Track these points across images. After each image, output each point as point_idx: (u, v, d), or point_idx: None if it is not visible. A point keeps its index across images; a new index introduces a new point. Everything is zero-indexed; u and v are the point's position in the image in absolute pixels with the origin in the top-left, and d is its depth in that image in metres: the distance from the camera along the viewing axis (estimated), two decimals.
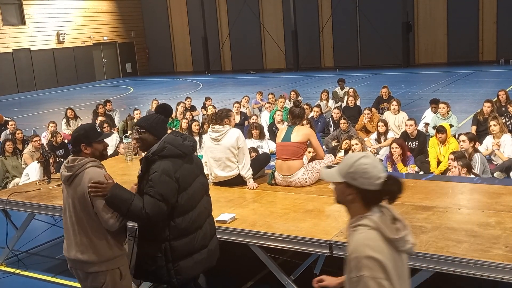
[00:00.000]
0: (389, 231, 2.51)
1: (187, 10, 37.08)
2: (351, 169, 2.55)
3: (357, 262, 2.44)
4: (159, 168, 3.77)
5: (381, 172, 2.55)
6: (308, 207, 5.29)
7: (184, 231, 3.88)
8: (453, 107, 12.02)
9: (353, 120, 11.93)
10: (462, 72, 24.38)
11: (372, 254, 2.43)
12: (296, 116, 6.29)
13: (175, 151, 3.86)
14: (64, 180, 3.85)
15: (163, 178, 3.74)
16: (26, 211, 6.46)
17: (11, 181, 9.83)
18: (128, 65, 37.85)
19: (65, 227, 3.92)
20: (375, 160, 2.60)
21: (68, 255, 3.89)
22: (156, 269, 3.90)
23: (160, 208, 3.72)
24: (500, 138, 8.93)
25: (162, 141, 3.87)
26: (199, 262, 3.98)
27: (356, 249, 2.48)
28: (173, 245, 3.86)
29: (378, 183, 2.53)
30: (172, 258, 3.86)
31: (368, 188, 2.53)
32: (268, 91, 16.03)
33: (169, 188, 3.75)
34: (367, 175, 2.53)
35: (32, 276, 6.31)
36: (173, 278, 3.89)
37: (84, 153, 3.83)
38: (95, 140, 3.87)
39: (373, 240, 2.49)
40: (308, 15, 32.33)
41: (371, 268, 2.41)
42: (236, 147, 5.98)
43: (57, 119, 14.08)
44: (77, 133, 3.90)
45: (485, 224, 4.48)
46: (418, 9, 30.00)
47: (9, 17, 30.56)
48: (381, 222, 2.53)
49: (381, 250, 2.46)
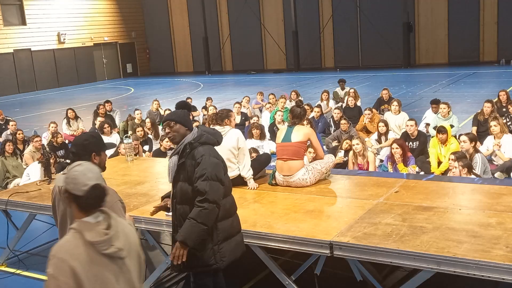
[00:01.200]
0: (91, 234, 2.67)
1: (188, 10, 37.10)
2: (66, 175, 2.83)
3: (50, 259, 2.64)
4: (205, 152, 4.00)
5: (90, 180, 2.75)
6: (309, 208, 5.29)
7: (228, 212, 4.15)
8: (453, 107, 12.01)
9: (354, 121, 11.93)
10: (463, 72, 24.38)
11: (62, 256, 2.61)
12: (297, 116, 6.28)
13: (212, 139, 4.15)
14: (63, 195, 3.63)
15: (213, 160, 4.00)
16: (27, 212, 6.47)
17: (12, 181, 9.84)
18: (129, 66, 37.87)
19: None
20: (88, 169, 2.82)
21: None
22: (203, 254, 4.03)
23: (218, 187, 3.96)
24: (501, 138, 8.93)
25: (198, 130, 4.13)
26: (239, 244, 4.24)
27: (54, 247, 2.68)
28: (219, 226, 4.05)
29: (84, 189, 2.73)
30: (218, 240, 4.05)
31: (76, 193, 2.74)
32: (269, 92, 16.03)
33: (220, 169, 4.03)
34: (75, 181, 2.75)
35: (32, 276, 6.31)
36: (219, 261, 4.06)
37: (92, 162, 3.47)
38: (104, 149, 3.77)
39: (71, 242, 2.67)
40: (308, 15, 32.34)
41: (57, 268, 2.59)
42: (237, 147, 5.97)
43: (58, 119, 14.09)
44: (87, 141, 3.69)
45: (486, 224, 4.48)
46: (419, 10, 30.00)
47: (10, 17, 30.58)
48: (87, 226, 2.70)
49: (74, 253, 2.61)
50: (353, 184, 6.13)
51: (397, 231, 4.45)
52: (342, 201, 5.53)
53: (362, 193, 5.67)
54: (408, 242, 4.21)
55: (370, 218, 4.81)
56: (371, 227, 4.59)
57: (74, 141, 3.79)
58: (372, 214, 4.92)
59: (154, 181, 6.72)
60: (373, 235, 4.41)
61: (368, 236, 4.39)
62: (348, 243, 4.33)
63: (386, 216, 4.82)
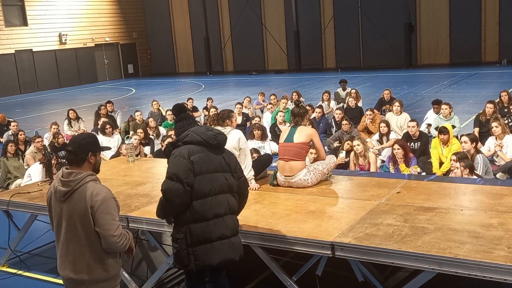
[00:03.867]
0: None
1: (189, 11, 37.12)
2: None
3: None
4: (177, 151, 4.16)
5: None
6: (310, 208, 5.28)
7: (201, 215, 4.07)
8: (455, 108, 12.00)
9: (355, 121, 11.92)
10: (465, 73, 24.36)
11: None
12: (298, 115, 6.27)
13: (196, 138, 4.19)
14: (60, 196, 3.60)
15: (177, 159, 4.09)
16: (28, 212, 6.47)
17: (13, 182, 9.85)
18: (130, 66, 37.90)
19: (59, 244, 3.70)
20: None
21: (62, 273, 3.71)
22: (178, 252, 4.12)
23: (172, 186, 3.99)
24: (503, 139, 8.92)
25: (187, 130, 4.31)
26: (219, 250, 4.11)
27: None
28: (191, 228, 4.06)
29: None
30: (191, 242, 4.06)
31: None
32: (270, 92, 16.04)
33: (181, 168, 4.02)
34: None
35: (34, 277, 6.31)
36: (192, 263, 4.08)
37: (88, 162, 3.65)
38: (100, 150, 3.78)
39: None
40: (310, 16, 32.34)
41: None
42: (238, 148, 5.96)
43: (59, 120, 14.11)
44: (85, 140, 3.70)
45: (487, 225, 4.47)
46: (420, 10, 29.99)
47: (11, 18, 30.61)
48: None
49: None
50: (355, 185, 6.12)
51: (398, 231, 4.45)
52: (343, 201, 5.52)
53: (363, 193, 5.66)
54: (409, 243, 4.20)
55: (372, 218, 4.81)
56: (372, 227, 4.58)
57: (72, 140, 3.80)
58: (373, 214, 4.91)
59: (155, 182, 6.70)
60: (374, 236, 4.40)
61: (370, 237, 4.39)
62: (349, 243, 4.32)
63: (387, 216, 4.82)
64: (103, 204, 3.54)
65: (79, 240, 3.59)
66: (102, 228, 3.54)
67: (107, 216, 3.54)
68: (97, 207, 3.52)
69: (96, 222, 3.54)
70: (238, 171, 4.33)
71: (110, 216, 3.56)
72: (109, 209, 3.56)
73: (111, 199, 3.61)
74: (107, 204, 3.55)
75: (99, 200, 3.53)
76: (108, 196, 3.60)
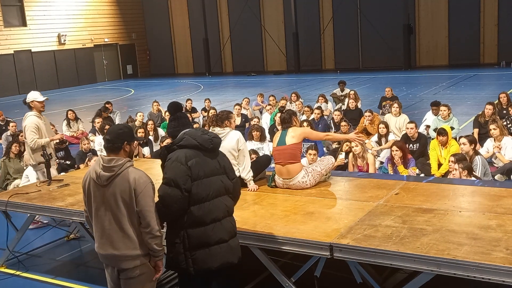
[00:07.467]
0: None
1: (188, 11, 37.14)
2: None
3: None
4: (173, 156, 4.12)
5: None
6: (309, 209, 5.28)
7: (199, 219, 4.04)
8: (454, 109, 12.00)
9: (354, 123, 11.94)
10: (463, 74, 24.38)
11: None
12: (284, 120, 6.31)
13: (192, 142, 4.14)
14: (103, 180, 3.91)
15: (174, 164, 4.06)
16: (27, 213, 6.46)
17: (12, 182, 9.82)
18: (129, 67, 37.90)
19: (100, 225, 4.00)
20: None
21: (104, 252, 4.01)
22: (174, 256, 4.08)
23: (170, 192, 3.98)
24: (501, 140, 8.93)
25: (182, 133, 4.27)
26: (217, 255, 4.09)
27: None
28: (189, 232, 4.04)
29: None
30: (189, 246, 4.04)
31: None
32: (269, 93, 16.03)
33: (179, 174, 4.00)
34: None
35: (32, 277, 6.30)
36: (190, 266, 4.05)
37: (124, 150, 3.98)
38: (134, 140, 4.10)
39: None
40: (309, 17, 32.36)
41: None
42: (237, 149, 5.96)
43: (58, 120, 14.09)
44: (121, 130, 4.03)
45: (486, 226, 4.47)
46: (419, 11, 30.02)
47: (10, 18, 30.61)
48: None
49: None
50: (353, 186, 6.13)
51: (397, 233, 4.45)
52: (342, 203, 5.52)
53: (362, 195, 5.66)
54: (408, 244, 4.20)
55: (370, 220, 4.81)
56: (371, 229, 4.58)
57: (109, 130, 4.12)
58: (372, 216, 4.91)
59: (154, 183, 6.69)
60: (373, 237, 4.40)
61: (368, 238, 4.39)
62: (348, 245, 4.32)
63: (386, 218, 4.82)
64: (145, 188, 3.91)
65: (121, 220, 3.91)
66: (143, 208, 3.89)
67: (148, 198, 3.91)
68: (140, 190, 3.89)
69: (138, 203, 3.89)
70: (231, 172, 4.32)
71: (150, 199, 3.93)
72: (150, 192, 3.94)
73: (151, 183, 3.97)
74: (148, 188, 3.93)
75: (141, 183, 3.91)
76: (148, 180, 3.96)
